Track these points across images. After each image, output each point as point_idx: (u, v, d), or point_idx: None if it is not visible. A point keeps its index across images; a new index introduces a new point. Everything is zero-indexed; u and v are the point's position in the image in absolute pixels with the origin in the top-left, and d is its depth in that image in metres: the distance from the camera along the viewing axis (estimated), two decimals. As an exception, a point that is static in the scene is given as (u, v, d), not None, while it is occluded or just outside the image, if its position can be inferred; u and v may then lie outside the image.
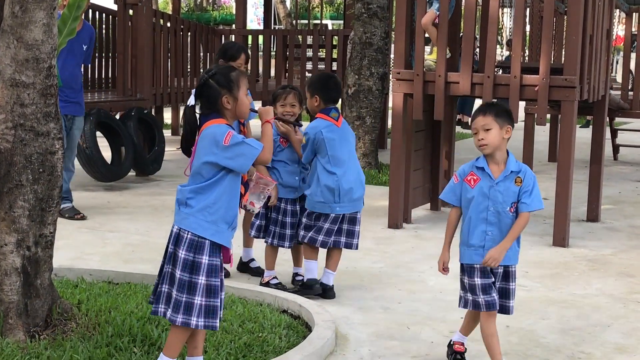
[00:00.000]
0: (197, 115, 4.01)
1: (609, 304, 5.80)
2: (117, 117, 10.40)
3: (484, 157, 4.63)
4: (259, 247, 6.22)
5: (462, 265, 4.46)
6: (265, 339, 4.63)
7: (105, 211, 8.44)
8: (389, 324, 5.25)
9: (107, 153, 9.82)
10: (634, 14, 11.48)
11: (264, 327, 4.80)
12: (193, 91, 4.09)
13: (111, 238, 7.35)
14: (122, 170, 9.79)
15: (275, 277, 5.92)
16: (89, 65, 11.58)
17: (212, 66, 4.17)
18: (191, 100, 4.03)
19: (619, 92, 11.53)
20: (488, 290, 4.36)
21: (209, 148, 3.87)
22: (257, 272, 6.30)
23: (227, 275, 5.99)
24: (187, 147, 4.07)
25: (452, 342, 4.72)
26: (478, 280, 4.37)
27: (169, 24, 11.69)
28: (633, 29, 11.85)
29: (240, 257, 6.46)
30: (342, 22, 20.33)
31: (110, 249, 6.97)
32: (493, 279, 4.39)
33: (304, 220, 5.71)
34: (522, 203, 4.42)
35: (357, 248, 5.80)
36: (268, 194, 4.36)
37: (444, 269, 4.54)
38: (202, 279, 3.88)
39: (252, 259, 6.44)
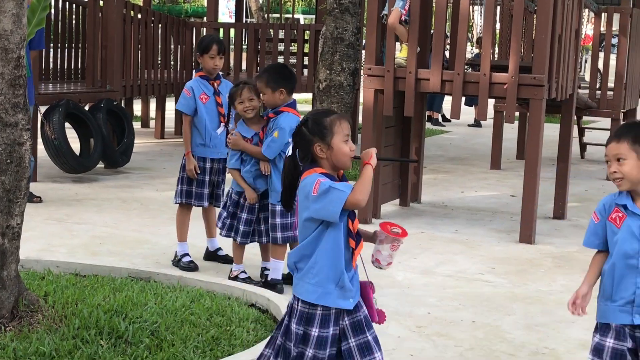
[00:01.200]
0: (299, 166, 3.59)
1: (574, 301, 5.85)
2: (86, 108, 10.34)
3: (627, 192, 3.55)
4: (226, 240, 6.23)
5: (598, 323, 3.63)
6: (233, 332, 4.63)
7: (73, 203, 8.40)
8: (356, 318, 5.27)
9: (75, 144, 9.76)
10: (603, 13, 11.58)
11: (232, 320, 4.80)
12: (290, 141, 4.03)
13: (78, 230, 7.31)
14: (90, 162, 9.74)
15: (243, 272, 5.93)
16: (50, 54, 11.51)
17: (308, 113, 3.72)
18: (290, 150, 3.86)
19: (587, 91, 11.64)
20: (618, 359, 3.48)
21: (304, 203, 3.51)
22: (226, 260, 6.34)
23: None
24: (287, 200, 3.65)
25: None
26: (610, 342, 3.54)
27: (139, 16, 11.63)
28: (602, 29, 11.96)
29: (207, 247, 6.49)
30: (314, 16, 20.33)
31: (77, 241, 6.94)
32: (630, 346, 3.50)
33: (279, 221, 5.69)
34: None
35: None
36: (398, 249, 3.66)
37: (574, 304, 3.73)
38: (309, 351, 3.48)
39: (219, 248, 6.48)
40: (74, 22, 11.76)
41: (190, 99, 6.24)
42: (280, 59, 14.27)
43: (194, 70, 6.84)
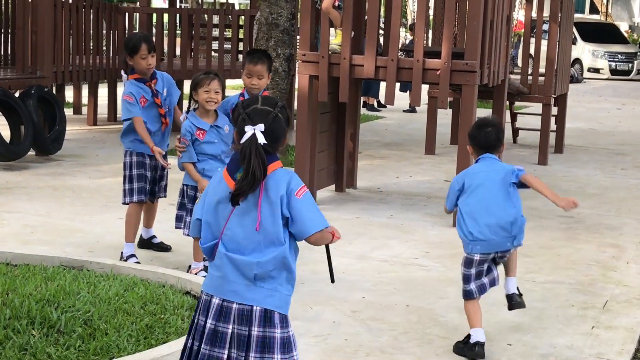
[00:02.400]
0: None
1: (506, 284, 5.95)
2: (17, 95, 10.15)
3: None
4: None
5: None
6: (167, 320, 4.61)
7: (4, 191, 8.25)
8: (292, 304, 5.27)
9: (6, 132, 9.59)
10: (534, 0, 11.75)
11: (167, 308, 4.78)
12: (257, 128, 3.25)
13: (9, 219, 7.19)
14: (21, 149, 9.57)
15: (202, 270, 5.76)
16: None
17: (276, 98, 3.50)
18: (260, 138, 3.23)
19: (518, 77, 11.81)
20: None
21: (280, 199, 3.24)
22: (161, 248, 6.31)
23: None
24: (245, 193, 3.24)
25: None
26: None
27: (70, 1, 11.44)
28: (533, 15, 12.13)
29: (141, 235, 6.43)
30: (248, 2, 20.22)
31: (8, 230, 6.82)
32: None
33: None
34: None
35: None
36: None
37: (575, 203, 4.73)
38: None
39: (154, 236, 6.44)
40: (2, 7, 11.52)
41: (134, 103, 5.94)
42: (215, 45, 14.18)
43: (123, 73, 6.40)
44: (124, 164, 6.16)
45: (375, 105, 17.55)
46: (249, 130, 3.24)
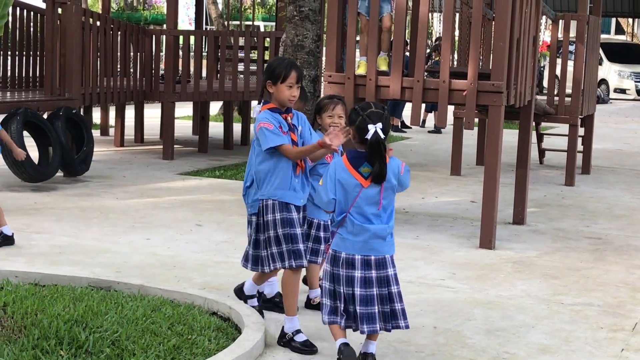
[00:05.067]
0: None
1: (534, 305, 5.92)
2: (45, 116, 10.25)
3: None
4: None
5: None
6: (194, 341, 4.62)
7: (32, 212, 8.31)
8: (319, 325, 5.27)
9: (34, 153, 9.67)
10: (560, 20, 11.73)
11: (194, 329, 4.79)
12: (377, 126, 4.43)
13: (37, 239, 7.24)
14: (49, 170, 9.65)
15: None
16: (8, 62, 11.42)
17: (380, 104, 4.72)
18: (382, 134, 4.42)
19: (544, 97, 11.76)
20: None
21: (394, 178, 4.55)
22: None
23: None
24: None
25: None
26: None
27: (98, 23, 11.55)
28: (559, 36, 12.10)
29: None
30: (274, 24, 20.33)
31: (36, 251, 6.87)
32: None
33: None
34: None
35: None
36: None
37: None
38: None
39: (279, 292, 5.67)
40: (32, 29, 11.66)
41: (276, 131, 4.94)
42: (241, 67, 14.25)
43: (257, 104, 5.16)
44: (264, 223, 5.02)
45: (399, 125, 17.56)
46: (371, 128, 4.40)
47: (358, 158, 4.50)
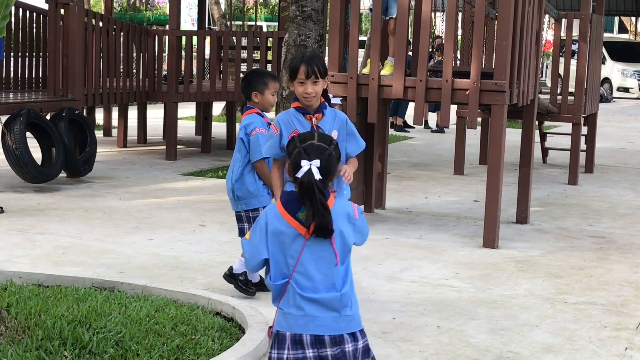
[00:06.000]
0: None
1: (537, 304, 5.92)
2: (48, 117, 10.26)
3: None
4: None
5: None
6: (198, 341, 4.62)
7: (35, 213, 8.32)
8: (322, 325, 5.28)
9: (37, 154, 9.67)
10: (563, 19, 11.71)
11: (197, 329, 4.79)
12: (313, 164, 3.32)
13: (41, 240, 7.25)
14: (52, 171, 9.66)
15: None
16: (10, 63, 11.43)
17: (330, 136, 3.55)
18: (317, 174, 3.30)
19: (548, 96, 11.76)
20: None
21: (347, 227, 3.41)
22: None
23: None
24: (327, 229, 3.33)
25: None
26: None
27: (101, 24, 11.56)
28: (562, 35, 12.09)
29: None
30: (276, 24, 20.33)
31: (40, 251, 6.88)
32: None
33: None
34: None
35: None
36: None
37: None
38: None
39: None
40: (34, 30, 11.67)
41: (268, 137, 4.84)
42: (244, 67, 14.25)
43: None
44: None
45: (402, 125, 17.57)
46: (305, 165, 3.32)
47: (294, 200, 3.37)
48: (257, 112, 5.72)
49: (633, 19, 37.70)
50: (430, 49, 14.12)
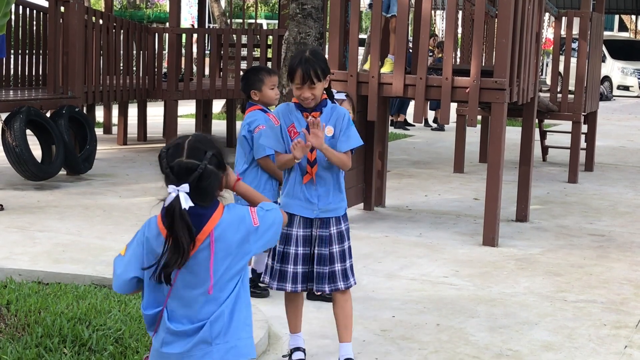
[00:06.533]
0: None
1: (537, 302, 5.92)
2: (48, 115, 10.26)
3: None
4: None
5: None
6: (197, 338, 4.62)
7: (35, 210, 8.32)
8: (322, 322, 5.28)
9: (37, 151, 9.67)
10: (563, 17, 11.71)
11: (197, 326, 4.78)
12: (181, 190, 2.83)
13: (41, 237, 7.25)
14: (52, 169, 9.65)
15: None
16: (10, 60, 11.44)
17: (209, 140, 3.03)
18: (185, 202, 2.81)
19: (548, 95, 11.75)
20: None
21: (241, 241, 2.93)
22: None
23: None
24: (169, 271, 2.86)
25: None
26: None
27: (101, 22, 11.56)
28: (562, 33, 12.08)
29: None
30: (276, 21, 20.32)
31: (40, 249, 6.88)
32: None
33: None
34: None
35: None
36: None
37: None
38: None
39: None
40: (34, 28, 11.67)
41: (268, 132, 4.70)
42: (244, 65, 14.24)
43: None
44: None
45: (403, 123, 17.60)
46: (171, 191, 2.82)
47: None
48: (260, 109, 5.72)
49: (633, 17, 37.68)
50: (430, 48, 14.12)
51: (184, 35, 12.84)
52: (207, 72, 14.83)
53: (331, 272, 4.43)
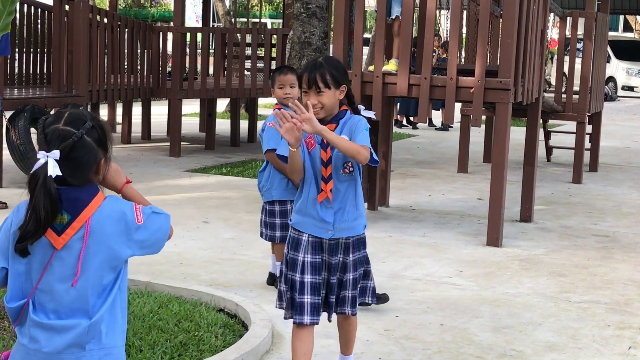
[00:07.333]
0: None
1: (541, 303, 5.91)
2: (52, 113, 10.26)
3: None
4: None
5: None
6: (201, 337, 4.62)
7: (39, 209, 8.31)
8: (325, 322, 5.27)
9: (41, 150, 9.66)
10: (568, 18, 11.70)
11: (200, 326, 4.79)
12: (50, 156, 2.61)
13: (45, 236, 7.24)
14: (56, 167, 9.64)
15: None
16: (15, 58, 11.44)
17: (90, 113, 2.81)
18: (53, 169, 2.59)
19: (552, 95, 11.74)
20: None
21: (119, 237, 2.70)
22: None
23: None
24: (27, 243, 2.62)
25: None
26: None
27: (105, 20, 11.56)
28: (567, 33, 12.07)
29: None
30: (281, 21, 20.33)
31: (44, 247, 6.87)
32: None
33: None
34: None
35: None
36: None
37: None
38: None
39: None
40: (39, 26, 11.68)
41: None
42: (248, 64, 14.24)
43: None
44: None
45: (403, 122, 17.63)
46: (41, 157, 2.59)
47: None
48: (279, 107, 5.79)
49: (638, 17, 37.64)
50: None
51: (188, 34, 12.83)
52: (211, 71, 14.83)
53: (342, 297, 4.19)
